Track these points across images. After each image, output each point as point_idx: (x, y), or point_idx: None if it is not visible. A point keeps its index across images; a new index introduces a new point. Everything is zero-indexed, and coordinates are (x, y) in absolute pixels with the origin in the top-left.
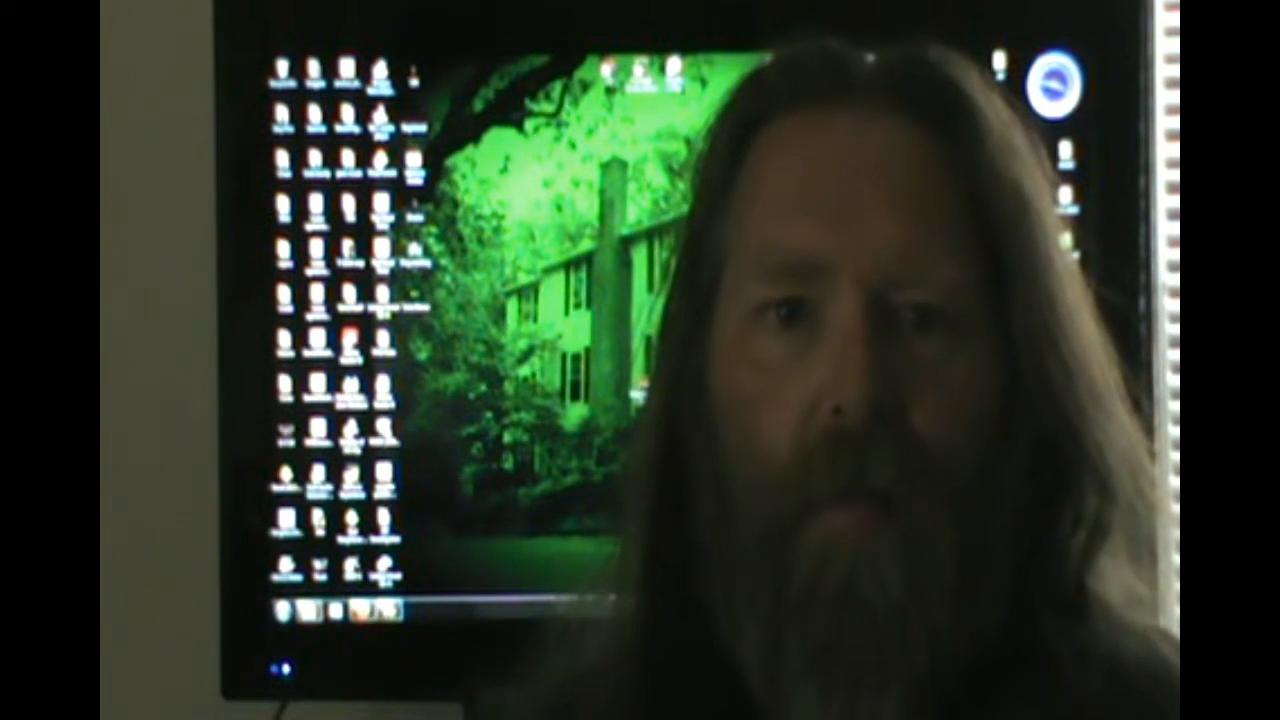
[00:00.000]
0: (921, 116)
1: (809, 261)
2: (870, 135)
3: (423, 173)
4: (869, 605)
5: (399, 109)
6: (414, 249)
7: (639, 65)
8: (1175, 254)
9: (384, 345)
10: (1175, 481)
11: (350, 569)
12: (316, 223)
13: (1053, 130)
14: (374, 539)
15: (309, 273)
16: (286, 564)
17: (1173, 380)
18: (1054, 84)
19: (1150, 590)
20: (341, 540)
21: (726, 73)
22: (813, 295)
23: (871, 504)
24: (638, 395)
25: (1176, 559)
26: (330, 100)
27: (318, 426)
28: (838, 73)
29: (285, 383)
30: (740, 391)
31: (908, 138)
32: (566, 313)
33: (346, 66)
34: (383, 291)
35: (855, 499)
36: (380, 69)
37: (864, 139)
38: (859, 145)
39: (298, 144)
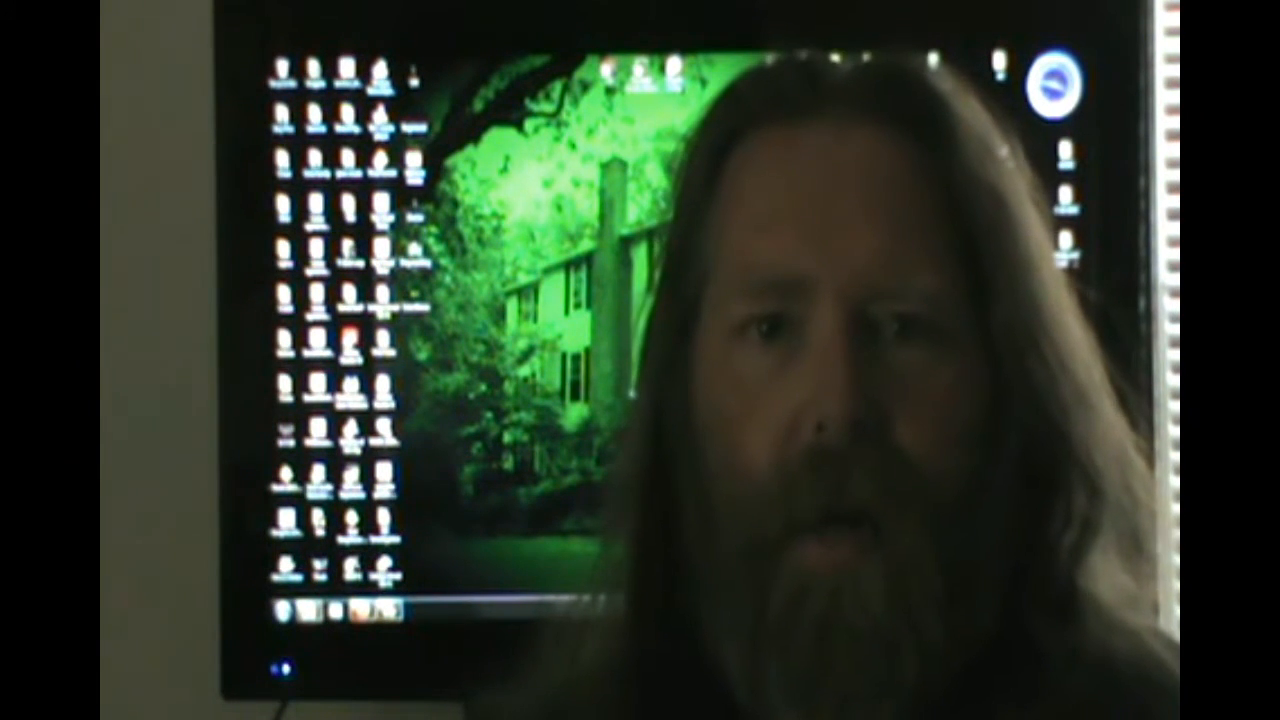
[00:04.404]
0: (897, 124)
1: (788, 277)
2: (846, 146)
3: (423, 173)
4: (853, 630)
5: (399, 109)
6: (414, 249)
7: (639, 65)
8: (1175, 254)
9: (384, 345)
10: (1175, 481)
11: (350, 569)
12: (316, 223)
13: (1053, 130)
14: (374, 539)
15: (309, 273)
16: (286, 564)
17: (1173, 380)
18: (1054, 84)
19: (1144, 589)
20: (341, 540)
21: (726, 73)
22: (793, 311)
23: (854, 528)
24: (635, 393)
25: (1176, 559)
26: (330, 100)
27: (318, 426)
28: (811, 84)
29: (285, 383)
30: (723, 408)
31: (884, 147)
32: (566, 313)
33: (346, 66)
34: (383, 291)
35: (838, 522)
36: (380, 69)
37: (839, 150)
38: (835, 157)
39: (298, 144)
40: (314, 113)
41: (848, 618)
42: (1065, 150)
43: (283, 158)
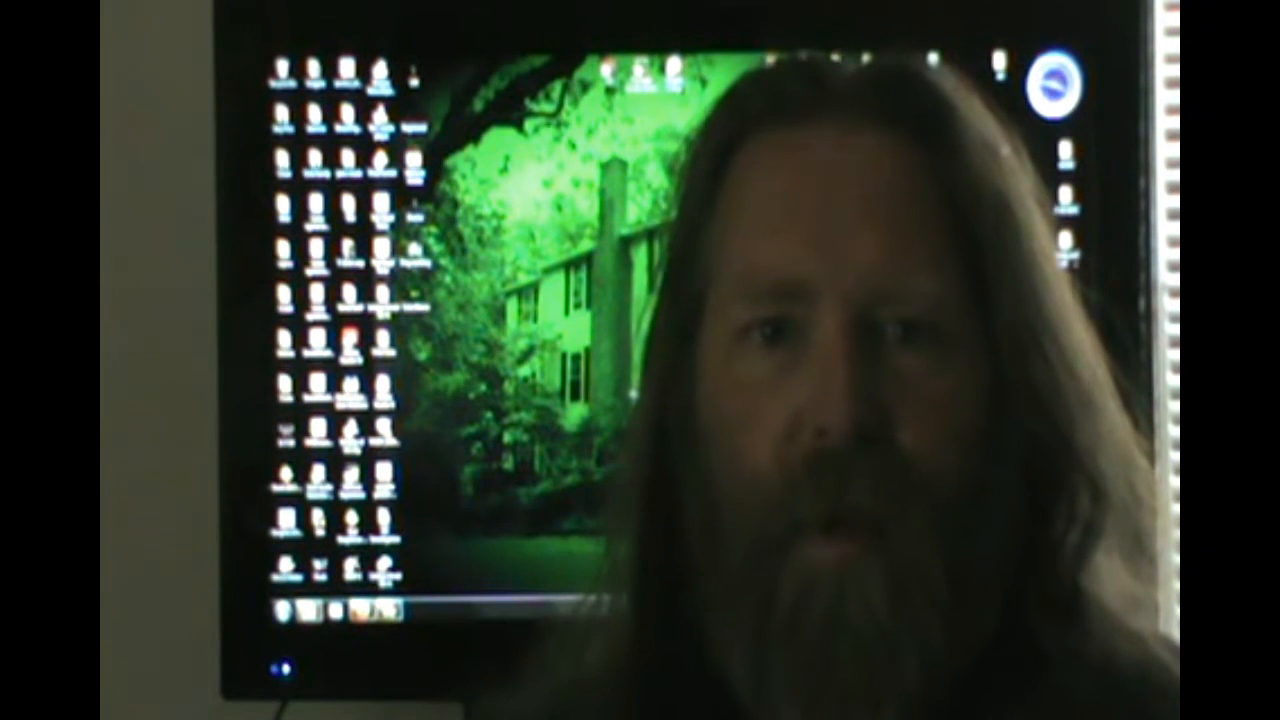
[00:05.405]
0: (900, 127)
1: (791, 282)
2: (849, 149)
3: (423, 173)
4: (856, 630)
5: (399, 109)
6: (414, 249)
7: (639, 65)
8: (1175, 254)
9: (384, 345)
10: (1175, 481)
11: (350, 569)
12: (316, 223)
13: (1053, 130)
14: (374, 539)
15: (309, 273)
16: (286, 564)
17: (1173, 380)
18: (1054, 84)
19: (1148, 591)
20: (341, 540)
21: (726, 73)
22: (796, 315)
23: (857, 528)
24: (638, 395)
25: (1176, 559)
26: (330, 100)
27: (318, 426)
28: (814, 86)
29: (285, 383)
30: (726, 412)
31: (887, 150)
32: (566, 313)
33: (346, 66)
34: (383, 291)
35: (841, 523)
36: (380, 69)
37: (843, 154)
38: (838, 160)
39: (298, 144)
40: (314, 113)
41: (851, 615)
42: (1065, 150)
43: (283, 158)
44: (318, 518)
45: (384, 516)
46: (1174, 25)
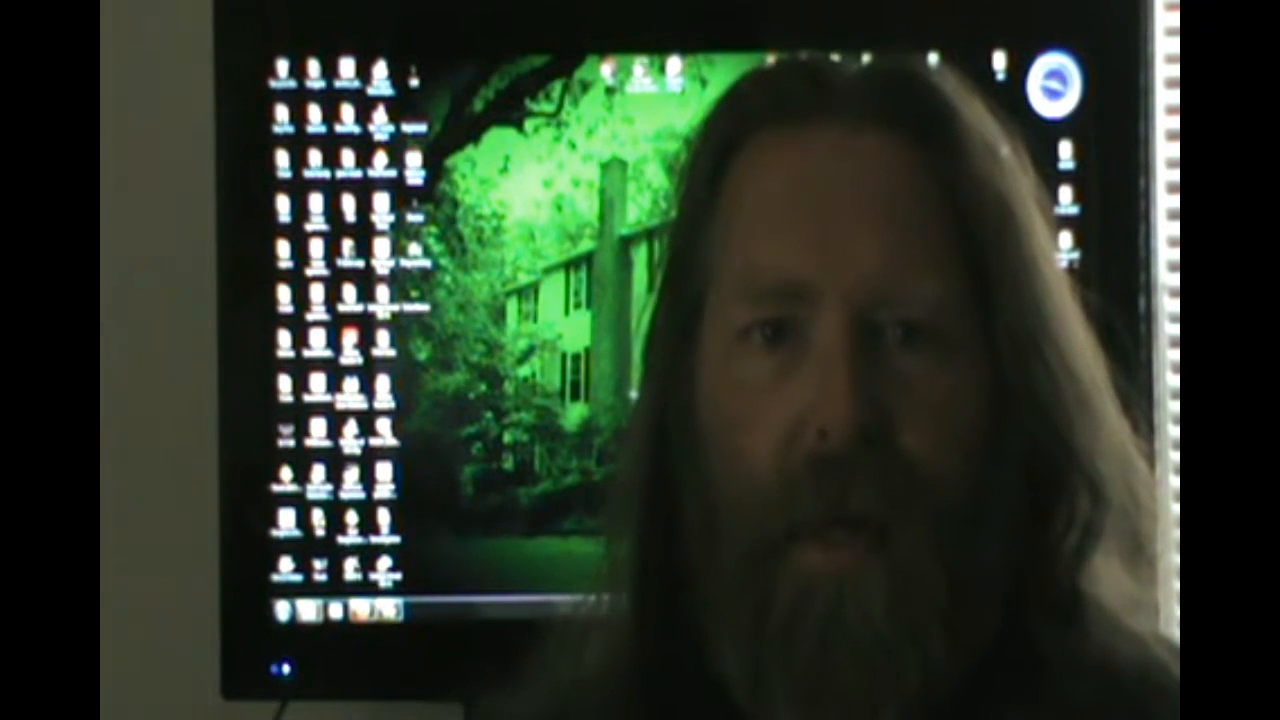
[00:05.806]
0: (902, 128)
1: (792, 283)
2: (851, 151)
3: (423, 173)
4: (854, 636)
5: (399, 109)
6: (414, 249)
7: (639, 65)
8: (1175, 254)
9: (384, 345)
10: (1175, 481)
11: (350, 569)
12: (316, 223)
13: (1053, 130)
14: (374, 539)
15: (309, 273)
16: (286, 564)
17: (1173, 380)
18: (1054, 84)
19: (1147, 593)
20: (341, 540)
21: (726, 73)
22: (797, 316)
23: (857, 532)
24: (638, 395)
25: (1176, 559)
26: (330, 100)
27: (318, 426)
28: (815, 87)
29: (285, 383)
30: (726, 413)
31: (889, 152)
32: (566, 313)
33: (346, 66)
34: (383, 291)
35: (840, 527)
36: (380, 69)
37: (844, 155)
38: (839, 162)
39: (298, 144)
40: (314, 113)
41: (850, 623)
42: (1065, 150)
43: (283, 158)
44: (318, 518)
45: (384, 516)
46: (1174, 25)
